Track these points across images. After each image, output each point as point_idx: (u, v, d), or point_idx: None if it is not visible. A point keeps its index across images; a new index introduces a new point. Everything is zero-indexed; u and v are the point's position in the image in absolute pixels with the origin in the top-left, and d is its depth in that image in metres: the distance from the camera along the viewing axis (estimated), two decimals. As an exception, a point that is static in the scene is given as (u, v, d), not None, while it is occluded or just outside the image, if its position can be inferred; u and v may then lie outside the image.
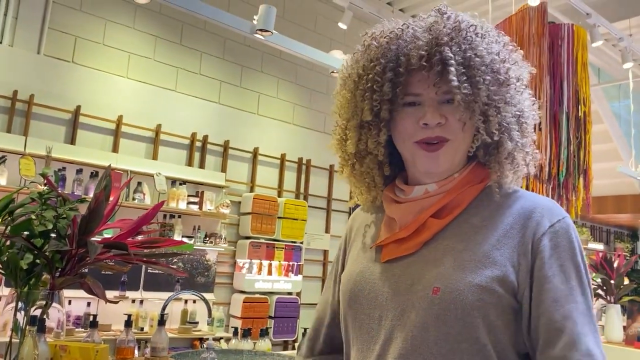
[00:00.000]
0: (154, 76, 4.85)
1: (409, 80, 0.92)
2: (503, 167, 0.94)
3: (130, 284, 4.34)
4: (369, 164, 1.01)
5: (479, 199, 0.95)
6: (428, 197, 0.95)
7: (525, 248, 0.88)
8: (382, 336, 0.90)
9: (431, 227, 0.93)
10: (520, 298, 0.87)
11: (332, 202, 6.02)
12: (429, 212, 0.94)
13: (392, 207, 0.99)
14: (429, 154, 0.93)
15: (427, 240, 0.92)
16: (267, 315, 5.09)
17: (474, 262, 0.87)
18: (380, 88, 0.92)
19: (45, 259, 1.82)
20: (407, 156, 0.97)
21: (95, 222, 1.84)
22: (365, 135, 0.98)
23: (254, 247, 5.09)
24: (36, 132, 4.13)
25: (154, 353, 2.00)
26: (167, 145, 4.85)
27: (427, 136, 0.92)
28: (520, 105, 0.94)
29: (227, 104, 5.30)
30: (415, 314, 0.87)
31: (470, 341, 0.84)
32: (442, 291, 0.85)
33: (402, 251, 0.94)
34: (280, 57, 5.66)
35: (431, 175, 0.96)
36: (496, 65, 0.92)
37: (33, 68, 4.22)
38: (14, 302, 1.82)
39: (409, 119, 0.93)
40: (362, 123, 0.97)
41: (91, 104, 4.43)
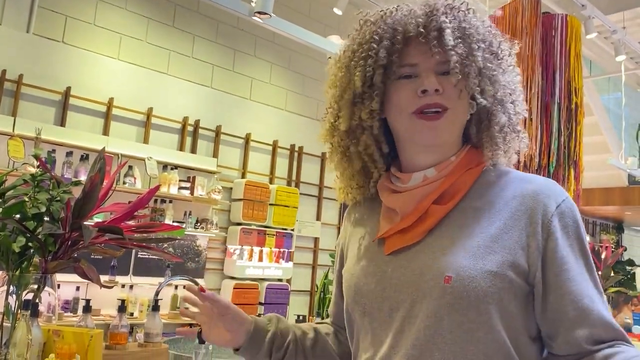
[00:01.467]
0: (146, 58, 4.77)
1: (405, 50, 0.91)
2: (496, 142, 0.93)
3: (120, 268, 4.30)
4: (366, 141, 0.97)
5: (478, 182, 0.93)
6: (428, 183, 0.93)
7: (534, 229, 0.86)
8: (393, 328, 0.89)
9: (434, 214, 0.91)
10: (532, 280, 0.86)
11: (324, 189, 6.00)
12: (430, 198, 0.92)
13: (391, 198, 0.97)
14: (428, 122, 0.90)
15: (432, 228, 0.90)
16: (257, 302, 5.08)
17: (484, 248, 0.85)
18: (376, 54, 0.91)
19: (38, 242, 1.78)
20: (403, 132, 0.94)
21: (90, 206, 1.80)
22: (358, 109, 0.95)
23: (245, 233, 5.07)
24: (25, 113, 4.05)
25: (147, 339, 1.98)
26: (158, 129, 4.79)
27: (426, 103, 0.89)
28: (512, 82, 0.94)
29: (220, 89, 5.24)
30: (427, 304, 0.85)
31: (485, 329, 0.83)
32: (454, 280, 0.83)
33: (407, 241, 0.91)
34: (274, 42, 5.60)
35: (429, 150, 0.94)
36: (489, 38, 0.93)
37: (22, 47, 4.12)
38: (6, 285, 1.78)
39: (404, 90, 0.91)
40: (354, 97, 0.95)
41: (81, 85, 4.35)
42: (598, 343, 0.84)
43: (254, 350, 1.02)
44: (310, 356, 1.07)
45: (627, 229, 11.61)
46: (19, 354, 1.52)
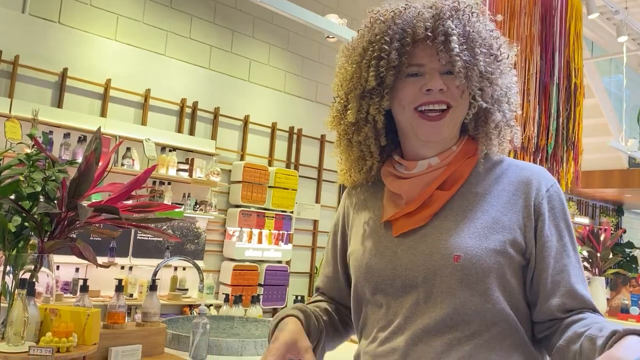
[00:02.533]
0: (143, 39, 4.73)
1: (413, 51, 0.98)
2: (490, 137, 1.02)
3: (120, 250, 4.31)
4: (367, 133, 1.04)
5: (476, 170, 1.03)
6: (431, 170, 1.01)
7: (528, 211, 0.98)
8: (407, 302, 0.97)
9: (439, 199, 0.99)
10: (528, 256, 0.97)
11: (323, 172, 5.99)
12: (435, 184, 1.00)
13: (395, 183, 1.04)
14: (430, 123, 0.98)
15: (436, 212, 0.99)
16: (257, 283, 5.11)
17: (487, 229, 0.95)
18: (388, 55, 0.98)
19: (34, 222, 1.78)
20: (407, 125, 1.02)
21: (85, 185, 1.80)
22: (367, 104, 1.02)
23: (244, 215, 5.07)
24: (22, 94, 4.03)
25: (145, 318, 1.98)
26: (156, 111, 4.76)
27: (429, 100, 0.98)
28: (508, 82, 1.03)
29: (218, 70, 5.20)
30: (439, 280, 0.94)
31: (493, 300, 0.93)
32: (462, 258, 0.93)
33: (414, 223, 1.00)
34: (272, 23, 5.55)
35: (431, 144, 1.02)
36: (490, 41, 1.00)
37: (18, 28, 4.08)
38: (2, 265, 1.79)
39: (410, 87, 0.99)
40: (364, 92, 1.02)
41: (78, 66, 4.32)
42: (568, 311, 0.94)
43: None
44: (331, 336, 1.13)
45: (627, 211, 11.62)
46: (15, 332, 1.53)
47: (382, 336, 0.99)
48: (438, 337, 0.93)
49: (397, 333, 0.97)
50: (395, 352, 0.96)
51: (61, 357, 1.53)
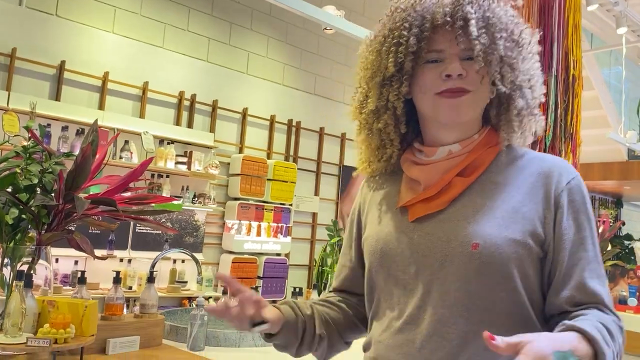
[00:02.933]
0: (141, 32, 4.71)
1: (432, 37, 0.98)
2: (512, 125, 1.01)
3: (119, 243, 4.32)
4: (387, 120, 1.04)
5: (497, 159, 1.02)
6: (452, 157, 1.01)
7: (548, 202, 0.97)
8: (419, 290, 0.96)
9: (457, 185, 0.99)
10: (547, 248, 0.96)
11: (322, 164, 5.99)
12: (454, 171, 0.99)
13: (414, 169, 1.04)
14: (451, 100, 0.97)
15: (454, 198, 0.98)
16: (256, 276, 5.12)
17: (506, 219, 0.95)
18: (406, 41, 0.98)
19: (32, 214, 1.78)
20: (427, 110, 1.01)
21: (82, 177, 1.80)
22: (387, 91, 1.02)
23: (243, 208, 5.08)
24: (19, 88, 4.02)
25: (143, 310, 1.99)
26: (154, 104, 4.76)
27: (449, 87, 0.97)
28: (531, 69, 1.01)
29: (216, 63, 5.19)
30: (455, 268, 0.93)
31: (508, 290, 0.92)
32: (481, 246, 0.92)
33: (431, 208, 0.99)
34: (270, 15, 5.53)
35: (451, 129, 1.01)
36: (511, 26, 0.99)
37: (15, 21, 4.07)
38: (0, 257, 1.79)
39: (430, 73, 0.98)
40: (384, 80, 1.02)
41: (76, 59, 4.31)
42: (577, 305, 0.92)
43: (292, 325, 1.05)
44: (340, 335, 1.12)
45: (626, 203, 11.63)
46: (13, 324, 1.53)
47: (395, 326, 0.98)
48: (453, 329, 0.92)
49: (410, 324, 0.96)
50: (410, 343, 0.95)
51: (59, 348, 1.54)
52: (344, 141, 6.21)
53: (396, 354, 0.97)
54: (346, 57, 6.20)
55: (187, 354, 1.90)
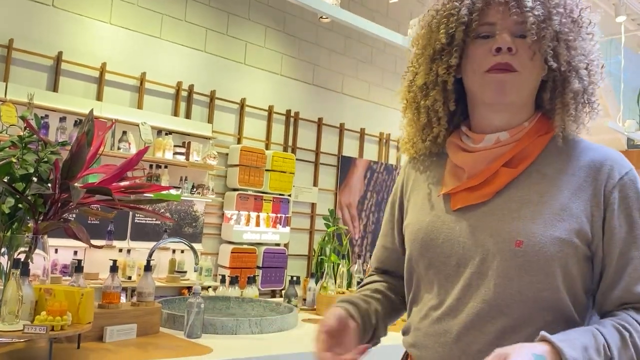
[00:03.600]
0: (138, 22, 4.70)
1: (485, 10, 0.95)
2: (567, 109, 0.95)
3: (118, 233, 4.34)
4: (435, 96, 1.01)
5: (547, 149, 0.97)
6: (499, 146, 0.97)
7: (597, 200, 0.92)
8: (460, 282, 0.95)
9: (503, 176, 0.95)
10: (595, 248, 0.93)
11: (320, 155, 6.00)
12: (501, 161, 0.96)
13: (460, 155, 1.01)
14: (497, 76, 0.93)
15: (499, 190, 0.95)
16: (255, 266, 5.14)
17: (553, 215, 0.91)
18: (458, 12, 0.95)
19: (28, 203, 1.79)
20: (475, 90, 0.98)
21: (78, 166, 1.81)
22: (436, 65, 0.99)
23: (241, 199, 5.09)
24: (17, 78, 4.02)
25: (140, 298, 2.00)
26: (152, 95, 4.75)
27: (497, 62, 0.93)
28: (590, 52, 0.96)
29: (214, 53, 5.17)
30: (497, 264, 0.91)
31: (551, 289, 0.90)
32: (525, 244, 0.89)
33: (475, 199, 0.96)
34: (267, 4, 5.51)
35: (499, 110, 0.97)
36: (570, 4, 0.95)
37: (12, 12, 4.06)
38: (-3, 247, 1.80)
39: (480, 49, 0.95)
40: (434, 54, 0.99)
41: (73, 50, 4.30)
42: (621, 305, 0.91)
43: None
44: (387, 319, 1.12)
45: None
46: (10, 311, 1.55)
47: (434, 315, 0.98)
48: (491, 323, 0.91)
49: (449, 315, 0.95)
50: (447, 334, 0.95)
51: (56, 335, 1.56)
52: (343, 131, 6.21)
53: (433, 343, 0.97)
54: (345, 47, 6.19)
55: (184, 341, 1.92)
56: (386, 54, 6.50)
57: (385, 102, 6.53)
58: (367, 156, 6.46)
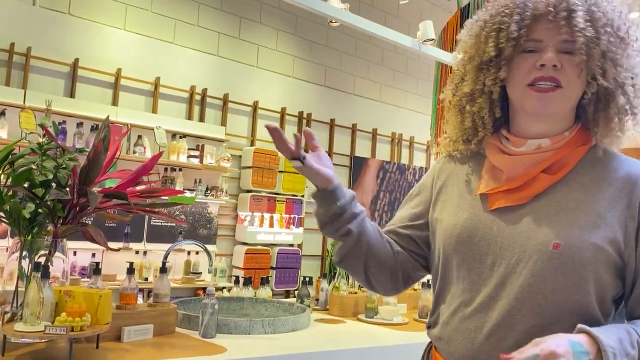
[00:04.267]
0: (152, 28, 4.78)
1: (533, 26, 0.98)
2: (610, 123, 0.99)
3: (134, 235, 4.41)
4: (482, 104, 1.05)
5: (585, 159, 1.01)
6: (540, 152, 1.00)
7: (632, 212, 0.96)
8: (494, 280, 0.98)
9: (542, 182, 0.99)
10: (627, 258, 0.96)
11: (333, 156, 6.03)
12: (540, 166, 0.99)
13: (499, 157, 1.04)
14: (539, 94, 0.97)
15: (537, 194, 0.98)
16: (269, 266, 5.19)
17: (589, 222, 0.94)
18: (507, 27, 0.98)
19: (47, 208, 1.85)
20: (517, 100, 1.01)
21: (95, 172, 1.86)
22: (484, 75, 1.03)
23: (255, 200, 5.14)
24: (35, 85, 4.11)
25: (156, 299, 2.06)
26: (166, 99, 4.83)
27: (541, 75, 0.96)
28: (635, 67, 0.99)
29: (226, 57, 5.24)
30: (533, 264, 0.94)
31: (582, 292, 0.94)
32: (562, 247, 0.93)
33: (512, 201, 0.99)
34: (279, 8, 5.56)
35: (539, 120, 1.00)
36: (617, 22, 0.98)
37: (29, 20, 4.16)
38: (19, 250, 1.87)
39: (525, 63, 0.98)
40: (481, 64, 1.03)
41: (89, 56, 4.39)
42: None
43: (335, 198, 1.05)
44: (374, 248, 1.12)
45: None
46: (31, 313, 1.61)
47: (466, 311, 1.00)
48: (522, 322, 0.94)
49: (481, 311, 0.98)
50: (478, 330, 0.98)
51: (75, 335, 1.61)
52: (355, 132, 6.24)
53: (463, 338, 1.00)
54: (355, 49, 6.22)
55: (199, 341, 1.96)
56: (397, 55, 6.51)
57: (397, 103, 6.55)
58: (380, 156, 6.48)
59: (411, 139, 6.66)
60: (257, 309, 2.58)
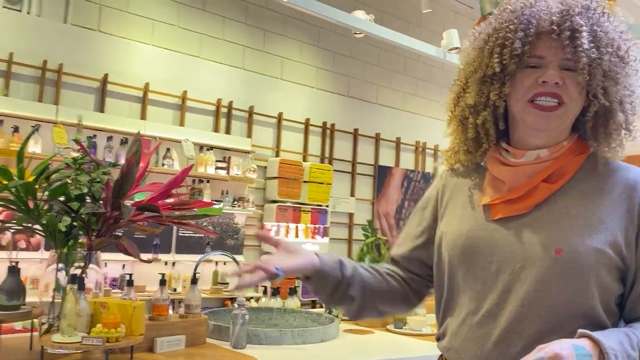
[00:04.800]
0: (179, 43, 4.87)
1: (536, 43, 1.00)
2: (609, 139, 1.02)
3: (163, 247, 4.48)
4: (486, 117, 1.07)
5: (583, 168, 1.04)
6: (539, 162, 1.03)
7: (631, 216, 0.99)
8: (499, 287, 1.00)
9: (543, 191, 1.01)
10: (628, 261, 0.98)
11: (357, 165, 6.04)
12: (541, 176, 1.02)
13: (500, 169, 1.07)
14: (541, 112, 0.99)
15: (538, 203, 1.01)
16: (295, 277, 5.19)
17: (590, 228, 0.97)
18: (511, 44, 1.00)
19: (82, 221, 1.90)
20: (518, 115, 1.04)
21: (128, 186, 1.91)
22: (487, 89, 1.05)
23: (280, 210, 5.18)
24: (66, 101, 4.22)
25: (187, 310, 2.09)
26: (193, 112, 4.91)
27: (543, 91, 0.99)
28: (633, 85, 1.03)
29: (251, 70, 5.31)
30: (537, 270, 0.97)
31: (586, 296, 0.96)
32: (564, 252, 0.95)
33: (514, 211, 1.02)
34: (302, 20, 5.61)
35: (539, 134, 1.03)
36: (617, 42, 1.00)
37: (61, 37, 4.28)
38: (55, 263, 1.92)
39: (527, 78, 1.01)
40: (484, 77, 1.05)
41: (118, 71, 4.49)
42: None
43: (325, 277, 1.09)
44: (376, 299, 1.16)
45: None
46: (69, 324, 1.65)
47: (473, 320, 1.02)
48: (529, 327, 0.96)
49: (488, 319, 1.00)
50: (486, 337, 0.99)
51: (111, 346, 1.64)
52: (379, 141, 6.24)
53: (472, 346, 1.01)
54: (378, 59, 6.23)
55: (230, 352, 1.98)
56: (420, 64, 6.51)
57: (421, 111, 6.53)
58: (404, 165, 6.46)
59: (435, 147, 6.63)
60: (285, 319, 2.59)
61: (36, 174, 1.94)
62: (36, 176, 1.94)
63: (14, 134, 3.80)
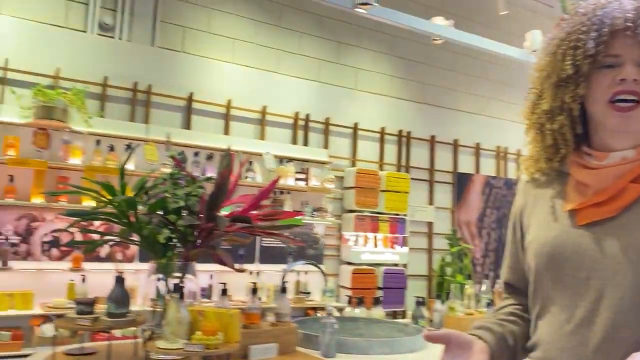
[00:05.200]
0: (257, 59, 5.04)
1: (610, 42, 0.98)
2: None
3: (247, 257, 4.61)
4: (562, 121, 1.05)
5: None
6: (625, 163, 1.00)
7: None
8: (590, 294, 0.97)
9: (631, 192, 0.98)
10: None
11: (435, 173, 5.95)
12: (628, 177, 0.99)
13: (583, 173, 1.04)
14: (620, 113, 0.97)
15: (627, 205, 0.97)
16: (375, 286, 5.19)
17: None
18: (584, 45, 0.99)
19: (179, 233, 2.01)
20: (598, 117, 1.02)
21: (222, 198, 2.00)
22: (562, 92, 1.03)
23: (359, 220, 5.19)
24: (155, 120, 4.48)
25: (278, 319, 2.14)
26: (272, 125, 5.04)
27: (622, 89, 0.97)
28: None
29: (327, 82, 5.39)
30: (631, 274, 0.93)
31: None
32: None
33: (602, 214, 0.99)
34: (376, 30, 5.63)
35: (620, 136, 1.01)
36: None
37: (149, 60, 4.55)
38: (154, 273, 2.04)
39: (604, 78, 0.99)
40: (559, 81, 1.03)
41: (202, 90, 4.71)
42: None
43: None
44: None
45: None
46: (172, 332, 1.74)
47: (567, 328, 0.99)
48: (629, 333, 0.93)
49: (583, 326, 0.97)
50: (583, 346, 0.96)
51: (210, 353, 1.72)
52: (457, 147, 6.12)
53: (569, 356, 0.98)
54: (454, 64, 6.13)
55: (320, 360, 2.01)
56: (499, 67, 6.33)
57: (501, 115, 6.34)
58: (484, 171, 6.29)
59: (518, 152, 6.40)
60: (371, 329, 2.60)
61: (136, 189, 2.08)
62: (137, 191, 2.07)
63: (110, 152, 4.07)
